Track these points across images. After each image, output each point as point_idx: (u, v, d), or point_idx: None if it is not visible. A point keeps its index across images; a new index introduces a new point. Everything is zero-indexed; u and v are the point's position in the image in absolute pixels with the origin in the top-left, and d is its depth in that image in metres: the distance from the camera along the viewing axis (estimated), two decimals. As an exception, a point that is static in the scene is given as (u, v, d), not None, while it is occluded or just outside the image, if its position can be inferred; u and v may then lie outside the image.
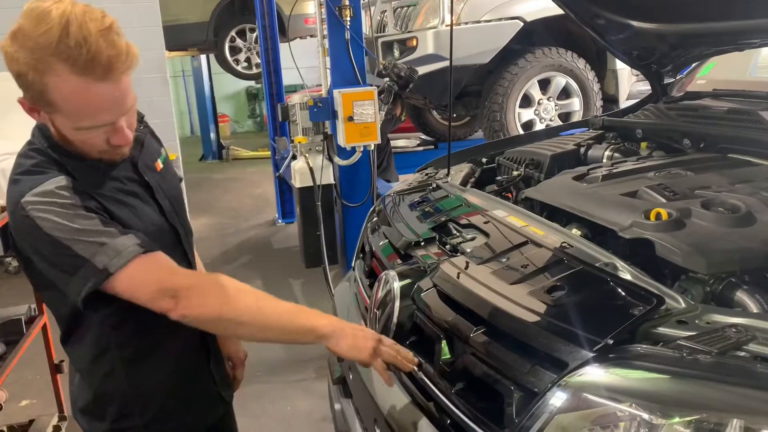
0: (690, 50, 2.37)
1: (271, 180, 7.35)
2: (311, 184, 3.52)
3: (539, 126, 4.66)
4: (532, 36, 4.53)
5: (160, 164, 1.50)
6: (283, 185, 6.74)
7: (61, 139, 1.28)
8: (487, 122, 4.56)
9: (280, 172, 4.21)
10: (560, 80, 4.58)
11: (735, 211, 1.44)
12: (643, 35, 2.34)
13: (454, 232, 1.71)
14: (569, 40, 4.62)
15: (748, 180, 1.59)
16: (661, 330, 1.08)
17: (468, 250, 1.55)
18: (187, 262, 1.50)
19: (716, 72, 2.59)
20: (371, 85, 3.39)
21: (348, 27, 3.34)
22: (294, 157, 3.60)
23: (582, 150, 2.22)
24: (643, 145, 2.26)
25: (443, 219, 1.78)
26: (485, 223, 1.65)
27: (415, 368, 1.36)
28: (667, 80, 2.58)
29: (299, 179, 3.58)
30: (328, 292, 3.63)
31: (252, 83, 12.95)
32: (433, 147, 5.96)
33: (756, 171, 1.66)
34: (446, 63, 4.20)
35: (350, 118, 3.28)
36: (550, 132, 2.63)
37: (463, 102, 4.97)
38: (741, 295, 1.29)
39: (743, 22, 2.02)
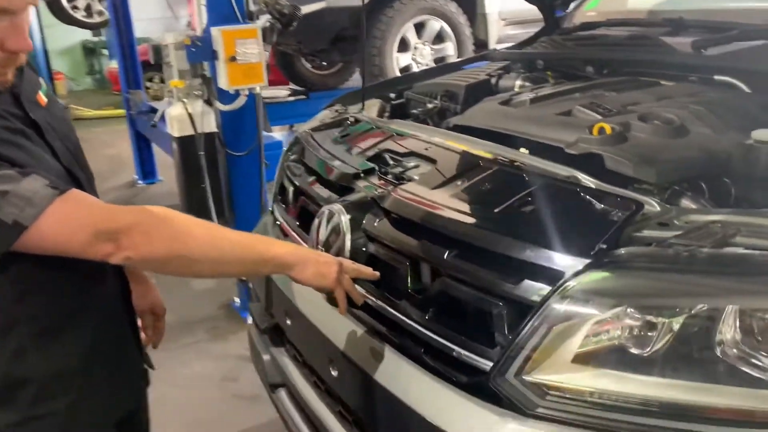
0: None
1: (124, 139, 6.80)
2: (191, 132, 3.26)
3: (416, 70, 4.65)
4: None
5: (43, 97, 1.25)
6: (140, 143, 6.25)
7: None
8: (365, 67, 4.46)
9: (155, 121, 3.86)
10: (435, 24, 4.58)
11: (670, 124, 1.48)
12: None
13: (392, 162, 1.62)
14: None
15: (669, 97, 1.66)
16: (646, 233, 1.08)
17: (416, 178, 1.48)
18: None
19: (602, 5, 2.68)
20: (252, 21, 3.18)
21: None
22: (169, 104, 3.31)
23: (493, 81, 2.21)
24: (547, 74, 2.29)
25: (377, 150, 1.69)
26: (426, 149, 1.59)
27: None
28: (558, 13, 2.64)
29: (177, 128, 3.29)
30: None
31: (88, 37, 11.82)
32: (304, 97, 5.78)
33: (674, 89, 1.73)
34: (326, 3, 4.05)
35: (233, 59, 3.04)
36: (452, 66, 2.61)
37: (339, 47, 4.83)
38: (686, 202, 1.33)
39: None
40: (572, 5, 2.67)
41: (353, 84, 6.11)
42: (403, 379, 1.23)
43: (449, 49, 4.70)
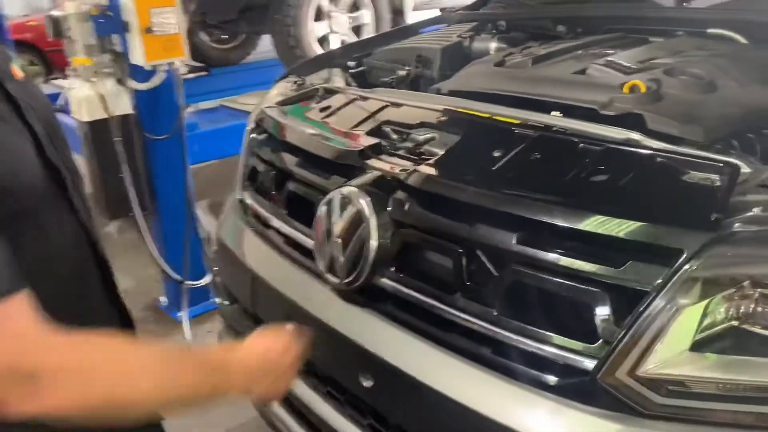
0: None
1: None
2: (103, 116, 2.85)
3: (334, 41, 4.40)
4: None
5: (17, 70, 0.98)
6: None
7: None
8: (279, 37, 4.16)
9: (58, 104, 3.36)
10: (350, -10, 4.34)
11: (700, 79, 1.39)
12: None
13: (398, 135, 1.42)
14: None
15: (681, 51, 1.56)
16: (750, 198, 0.96)
17: (439, 151, 1.29)
18: (76, 220, 1.00)
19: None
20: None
21: None
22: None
23: (466, 43, 2.04)
24: (506, 34, 2.15)
25: (374, 123, 1.48)
26: (439, 119, 1.40)
27: None
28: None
29: (87, 111, 2.86)
30: (145, 245, 3.08)
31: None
32: (205, 73, 5.35)
33: (680, 43, 1.64)
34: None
35: (149, 30, 2.67)
36: (409, 31, 2.41)
37: (247, 18, 4.47)
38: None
39: None
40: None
41: (256, 58, 5.75)
42: (470, 385, 1.06)
43: (366, 17, 4.48)
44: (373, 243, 1.22)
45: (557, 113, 1.34)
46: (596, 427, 0.93)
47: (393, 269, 1.23)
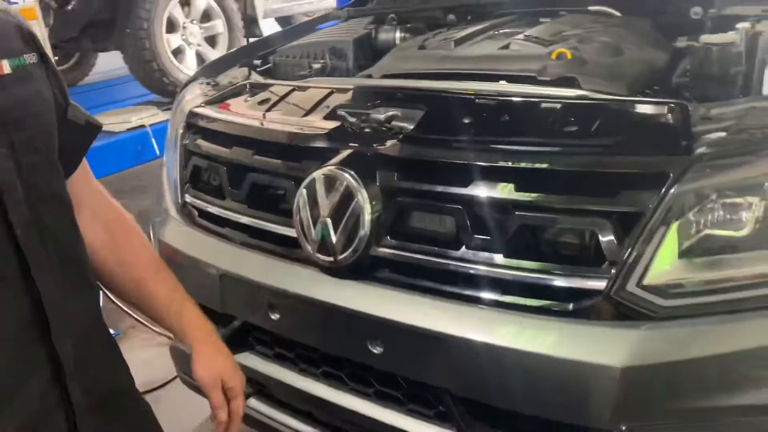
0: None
1: None
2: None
3: (190, 52, 4.29)
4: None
5: (5, 66, 0.92)
6: None
7: None
8: (133, 52, 3.98)
9: None
10: (200, 1, 4.26)
11: (606, 45, 1.60)
12: None
13: (353, 118, 1.48)
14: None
15: (580, 25, 1.78)
16: (700, 128, 1.16)
17: (408, 125, 1.37)
18: (14, 248, 0.89)
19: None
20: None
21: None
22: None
23: (372, 35, 2.13)
24: (408, 25, 2.29)
25: (328, 108, 1.52)
26: (393, 97, 1.48)
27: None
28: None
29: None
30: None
31: None
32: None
33: (575, 18, 1.85)
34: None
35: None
36: (305, 28, 2.45)
37: (90, 35, 4.21)
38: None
39: None
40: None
41: (95, 79, 5.41)
42: (491, 328, 1.16)
43: (219, 26, 4.43)
44: (367, 216, 1.28)
45: (503, 82, 1.48)
46: (617, 339, 1.07)
47: (388, 237, 1.29)
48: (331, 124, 1.44)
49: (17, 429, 0.90)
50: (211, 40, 4.43)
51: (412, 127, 1.35)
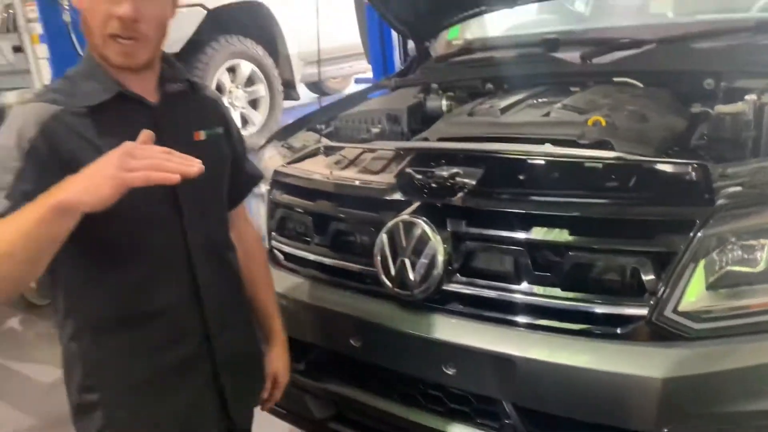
0: (455, 14, 2.80)
1: None
2: None
3: (235, 114, 4.64)
4: (214, 24, 4.47)
5: (201, 134, 1.36)
6: None
7: (87, 37, 1.28)
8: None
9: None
10: (246, 67, 4.64)
11: (634, 113, 1.88)
12: (424, 2, 2.68)
13: (420, 176, 1.74)
14: (245, 28, 4.72)
15: (608, 95, 2.06)
16: (719, 183, 1.41)
17: (470, 181, 1.63)
18: (185, 250, 1.35)
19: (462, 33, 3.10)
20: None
21: (67, 7, 2.80)
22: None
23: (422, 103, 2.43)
24: (451, 94, 2.59)
25: (394, 166, 1.79)
26: (454, 157, 1.74)
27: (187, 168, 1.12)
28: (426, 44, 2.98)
29: None
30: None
31: None
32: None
33: (603, 89, 2.14)
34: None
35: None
36: (356, 97, 2.76)
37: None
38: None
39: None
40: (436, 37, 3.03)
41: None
42: (552, 348, 1.39)
43: (261, 90, 4.80)
44: (440, 257, 1.53)
45: (548, 145, 1.75)
46: (657, 356, 1.30)
47: (458, 275, 1.55)
48: (402, 181, 1.71)
49: (173, 368, 1.35)
50: (254, 103, 4.79)
51: (474, 182, 1.62)
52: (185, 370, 1.37)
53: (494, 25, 3.13)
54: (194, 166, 1.10)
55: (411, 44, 3.06)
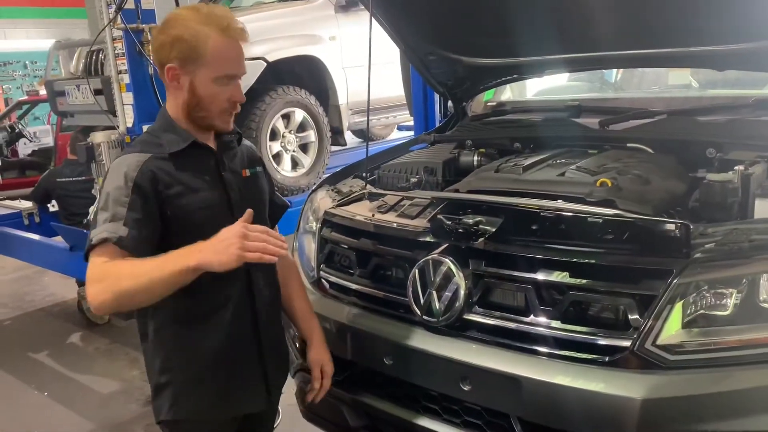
0: (490, 79, 3.14)
1: None
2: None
3: (286, 156, 5.05)
4: (272, 75, 4.90)
5: (247, 172, 1.84)
6: None
7: (189, 104, 1.69)
8: (242, 156, 4.74)
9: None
10: (299, 115, 5.05)
11: (639, 177, 2.16)
12: (463, 68, 3.03)
13: (449, 222, 2.06)
14: (300, 79, 5.15)
15: (619, 159, 2.36)
16: (699, 240, 1.69)
17: (490, 228, 1.94)
18: None
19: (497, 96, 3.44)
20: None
21: (152, 62, 3.24)
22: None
23: (456, 157, 2.76)
24: (482, 150, 2.91)
25: (428, 213, 2.11)
26: (479, 207, 2.05)
27: (283, 250, 1.55)
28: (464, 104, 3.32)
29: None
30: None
31: None
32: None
33: (615, 153, 2.43)
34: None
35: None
36: (399, 149, 3.11)
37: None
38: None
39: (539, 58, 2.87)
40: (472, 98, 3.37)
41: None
42: (550, 371, 1.67)
43: (311, 136, 5.19)
44: (462, 291, 1.84)
45: (560, 201, 2.05)
46: (638, 381, 1.57)
47: (477, 306, 1.84)
48: (433, 225, 2.03)
49: (228, 352, 1.75)
50: (304, 147, 5.19)
51: (494, 230, 1.92)
52: (238, 352, 1.76)
53: (527, 88, 3.47)
54: (283, 247, 1.55)
55: (450, 102, 3.41)
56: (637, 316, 1.62)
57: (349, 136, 6.01)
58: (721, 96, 2.73)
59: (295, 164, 5.16)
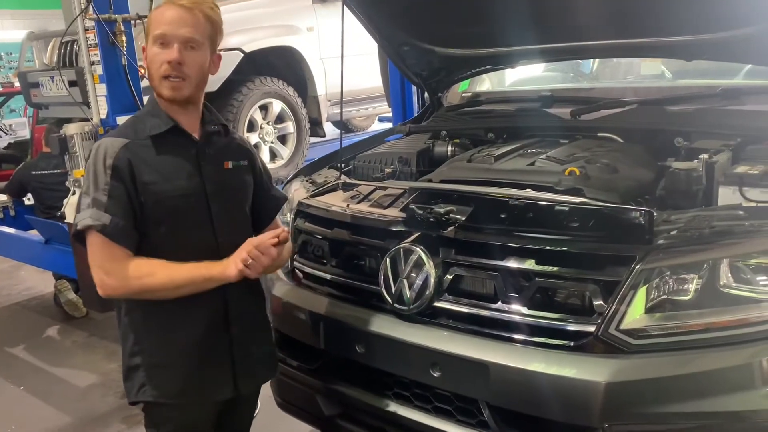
0: (465, 70, 3.16)
1: None
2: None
3: (264, 148, 5.04)
4: (249, 66, 4.88)
5: (229, 164, 1.84)
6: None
7: (150, 80, 1.75)
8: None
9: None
10: (276, 106, 5.05)
11: (607, 165, 2.20)
12: (437, 59, 3.04)
13: (421, 211, 2.08)
14: (278, 70, 5.14)
15: (588, 148, 2.39)
16: (662, 227, 1.72)
17: (460, 217, 1.96)
18: (215, 245, 1.78)
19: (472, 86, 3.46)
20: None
21: (125, 52, 3.22)
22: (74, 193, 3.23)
23: (430, 148, 2.77)
24: (456, 141, 2.93)
25: (400, 203, 2.13)
26: (450, 197, 2.07)
27: (284, 233, 1.73)
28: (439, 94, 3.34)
29: (71, 214, 3.24)
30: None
31: None
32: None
33: (585, 143, 2.47)
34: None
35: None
36: (377, 139, 3.12)
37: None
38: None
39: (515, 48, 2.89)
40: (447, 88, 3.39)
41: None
42: (518, 357, 1.70)
43: (290, 127, 5.20)
44: (432, 279, 1.86)
45: (529, 190, 2.07)
46: (602, 365, 1.61)
47: (447, 294, 1.87)
48: (406, 215, 2.05)
49: (198, 340, 1.78)
50: (282, 139, 5.19)
51: (464, 218, 1.94)
52: (207, 339, 1.79)
53: (506, 78, 3.50)
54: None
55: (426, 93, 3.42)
56: (602, 302, 1.65)
57: (329, 128, 6.01)
58: (691, 86, 2.76)
59: (273, 155, 5.16)
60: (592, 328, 1.65)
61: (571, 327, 1.68)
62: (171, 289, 1.69)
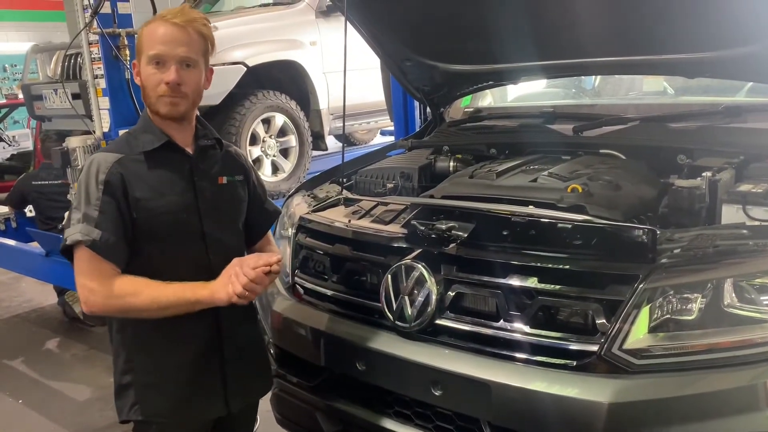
0: (467, 86, 3.16)
1: None
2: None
3: (266, 161, 5.04)
4: (253, 79, 4.89)
5: (224, 179, 1.83)
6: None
7: (143, 94, 1.75)
8: (221, 161, 4.72)
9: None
10: (279, 119, 5.05)
11: (610, 183, 2.19)
12: (439, 75, 3.04)
13: (422, 227, 2.07)
14: (281, 84, 5.15)
15: (591, 165, 2.38)
16: (665, 246, 1.71)
17: (462, 234, 1.95)
18: (207, 261, 1.77)
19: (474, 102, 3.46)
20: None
21: (128, 66, 3.23)
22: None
23: (432, 163, 2.77)
24: (458, 156, 2.93)
25: (402, 218, 2.12)
26: (452, 213, 2.06)
27: (276, 265, 1.69)
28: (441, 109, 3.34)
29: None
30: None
31: None
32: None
33: (588, 159, 2.46)
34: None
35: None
36: (379, 154, 3.11)
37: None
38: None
39: (515, 65, 2.89)
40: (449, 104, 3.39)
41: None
42: (521, 376, 1.68)
43: (292, 141, 5.19)
44: (434, 296, 1.84)
45: (532, 207, 2.07)
46: (605, 385, 1.59)
47: (448, 312, 1.85)
48: (407, 231, 2.04)
49: (190, 359, 1.78)
50: (285, 152, 5.18)
51: (466, 235, 1.93)
52: (198, 358, 1.78)
53: (508, 93, 3.50)
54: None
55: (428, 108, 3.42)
56: (605, 321, 1.64)
57: (331, 141, 6.00)
58: (693, 103, 2.76)
59: (275, 169, 5.15)
60: (594, 348, 1.63)
61: (574, 346, 1.66)
62: (155, 310, 1.67)
